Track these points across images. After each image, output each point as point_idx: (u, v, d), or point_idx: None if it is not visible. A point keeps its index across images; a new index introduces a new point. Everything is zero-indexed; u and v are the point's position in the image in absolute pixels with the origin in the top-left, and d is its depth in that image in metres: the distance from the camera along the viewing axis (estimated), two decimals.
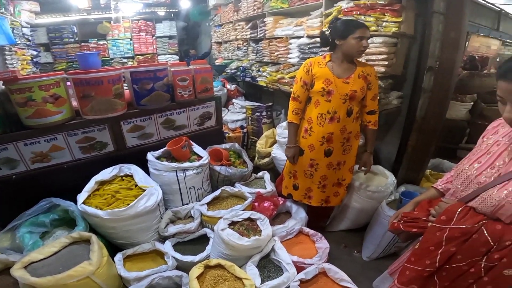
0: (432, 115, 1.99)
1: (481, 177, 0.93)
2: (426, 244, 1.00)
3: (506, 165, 0.88)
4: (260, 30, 3.18)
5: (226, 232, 1.46)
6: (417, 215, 1.11)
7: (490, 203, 0.86)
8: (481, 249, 0.89)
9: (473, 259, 0.92)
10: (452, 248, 0.94)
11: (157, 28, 6.20)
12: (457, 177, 1.03)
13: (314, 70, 1.62)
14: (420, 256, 1.02)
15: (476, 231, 0.90)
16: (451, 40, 1.82)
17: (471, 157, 1.02)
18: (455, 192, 1.04)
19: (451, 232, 0.93)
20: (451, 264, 0.96)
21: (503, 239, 0.85)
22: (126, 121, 1.81)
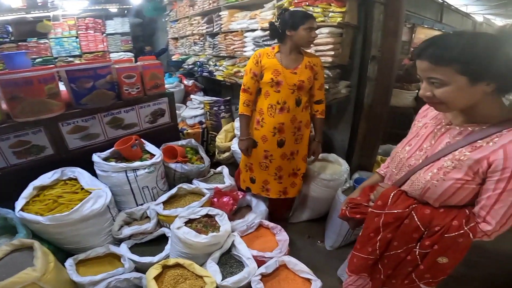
0: (378, 102, 2.10)
1: (411, 159, 0.94)
2: (367, 230, 1.00)
3: (432, 147, 0.89)
4: (216, 24, 3.13)
5: (182, 231, 1.42)
6: (360, 201, 1.12)
7: (417, 186, 0.87)
8: (413, 235, 0.89)
9: (408, 246, 0.92)
10: (388, 234, 0.94)
11: (107, 25, 5.87)
12: (392, 161, 1.04)
13: (263, 61, 1.63)
14: (363, 244, 1.02)
15: (407, 216, 0.90)
16: (390, 29, 1.91)
17: (404, 140, 1.03)
18: (391, 176, 1.05)
19: (386, 218, 0.94)
20: (390, 251, 0.96)
21: (432, 224, 0.85)
22: (65, 122, 1.68)
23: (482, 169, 0.75)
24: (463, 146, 0.79)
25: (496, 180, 0.74)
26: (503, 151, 0.71)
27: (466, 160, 0.77)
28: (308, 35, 1.53)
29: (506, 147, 0.71)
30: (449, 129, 0.86)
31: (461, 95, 0.72)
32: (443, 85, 0.72)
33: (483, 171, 0.76)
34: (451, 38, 0.71)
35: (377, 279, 1.04)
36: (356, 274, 1.08)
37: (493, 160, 0.73)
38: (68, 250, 1.49)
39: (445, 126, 0.88)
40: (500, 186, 0.73)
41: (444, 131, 0.87)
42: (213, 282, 1.28)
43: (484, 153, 0.75)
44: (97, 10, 5.65)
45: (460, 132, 0.82)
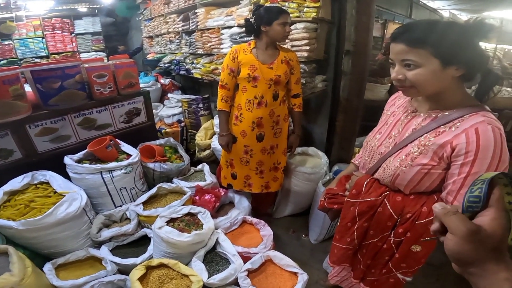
0: (353, 95, 2.17)
1: (381, 147, 0.95)
2: (344, 220, 1.00)
3: (400, 134, 0.90)
4: (192, 22, 3.08)
5: (164, 230, 1.39)
6: (336, 191, 1.12)
7: (388, 173, 0.88)
8: (387, 223, 0.89)
9: (384, 234, 0.92)
10: (364, 223, 0.94)
11: (76, 25, 5.64)
12: (365, 150, 1.05)
13: (240, 57, 1.63)
14: (342, 234, 1.02)
15: (380, 204, 0.90)
16: (363, 24, 1.96)
17: (375, 129, 1.05)
18: (364, 165, 1.06)
19: (361, 206, 0.94)
20: (367, 240, 0.97)
21: (404, 212, 0.86)
22: (32, 125, 1.58)
23: (446, 153, 0.77)
24: (428, 131, 0.81)
25: (460, 164, 0.75)
26: (465, 135, 0.73)
27: (431, 145, 0.79)
28: (283, 29, 1.54)
29: (468, 131, 0.73)
30: (414, 116, 0.89)
31: (432, 77, 0.74)
32: (416, 67, 0.74)
33: (447, 155, 0.77)
34: (427, 24, 0.74)
35: (358, 269, 1.05)
36: (338, 265, 1.09)
37: (456, 144, 0.74)
38: (46, 255, 1.42)
39: (411, 114, 0.90)
40: (465, 170, 0.74)
41: (410, 118, 0.90)
42: (199, 280, 1.27)
43: (447, 138, 0.76)
44: (65, 10, 5.43)
45: (425, 119, 0.85)
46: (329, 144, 2.40)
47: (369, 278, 1.05)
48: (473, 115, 0.76)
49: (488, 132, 0.72)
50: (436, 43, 0.71)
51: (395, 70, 0.79)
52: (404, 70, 0.77)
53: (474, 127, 0.73)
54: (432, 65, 0.73)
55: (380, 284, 1.02)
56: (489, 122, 0.73)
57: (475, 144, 0.72)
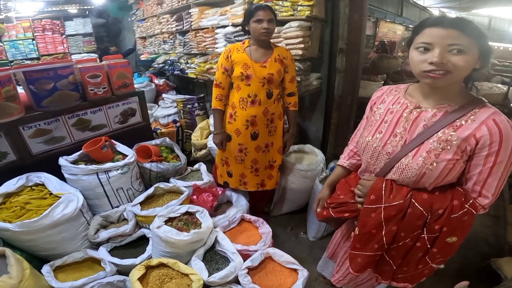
0: (347, 92, 2.19)
1: (387, 147, 0.92)
2: (366, 228, 0.96)
3: (409, 132, 0.88)
4: (186, 22, 3.07)
5: (162, 230, 1.39)
6: (344, 199, 1.07)
7: (410, 173, 0.86)
8: (418, 222, 0.89)
9: (414, 234, 0.91)
10: (393, 227, 0.92)
11: (67, 26, 5.59)
12: (364, 151, 1.00)
13: (233, 56, 1.63)
14: (365, 242, 0.98)
15: (409, 205, 0.89)
16: (355, 22, 1.99)
17: (369, 128, 1.00)
18: (367, 167, 1.02)
19: (387, 212, 0.91)
20: (398, 242, 0.94)
21: (434, 208, 0.86)
22: (26, 126, 1.57)
23: (470, 146, 0.79)
24: (444, 126, 0.82)
25: (485, 155, 0.78)
26: (486, 127, 0.77)
27: (454, 140, 0.80)
28: (259, 27, 1.53)
29: (487, 122, 0.77)
30: (421, 112, 0.88)
31: (469, 66, 0.77)
32: (463, 52, 0.75)
33: (471, 148, 0.80)
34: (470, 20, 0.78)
35: (386, 271, 1.02)
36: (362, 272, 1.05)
37: (480, 136, 0.77)
38: (43, 257, 1.41)
39: (415, 110, 0.89)
40: (490, 160, 0.78)
41: (417, 114, 0.88)
42: (199, 279, 1.27)
43: (469, 131, 0.78)
44: (55, 11, 5.37)
45: (435, 114, 0.85)
46: (324, 141, 2.42)
47: (401, 275, 1.03)
48: (482, 107, 0.80)
49: (505, 122, 0.77)
50: (480, 36, 0.75)
51: (438, 53, 0.76)
52: (448, 54, 0.77)
53: (491, 118, 0.77)
54: (473, 54, 0.76)
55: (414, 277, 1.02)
56: (499, 113, 0.78)
57: (498, 134, 0.76)
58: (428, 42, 0.78)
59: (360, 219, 0.98)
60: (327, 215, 1.12)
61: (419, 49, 0.80)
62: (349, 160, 1.19)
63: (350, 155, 1.19)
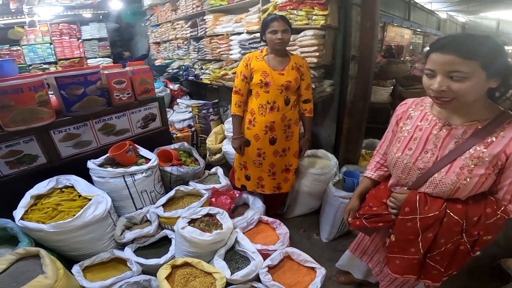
0: (359, 98, 2.25)
1: (418, 163, 0.95)
2: (404, 236, 1.01)
3: (440, 149, 0.92)
4: (200, 28, 3.15)
5: (187, 230, 1.46)
6: (377, 211, 1.11)
7: (445, 188, 0.90)
8: (456, 228, 0.93)
9: (454, 239, 0.95)
10: (429, 234, 0.96)
11: (83, 30, 5.69)
12: (395, 167, 1.03)
13: (252, 64, 1.71)
14: (403, 247, 1.03)
15: (444, 215, 0.93)
16: (367, 29, 2.05)
17: (398, 145, 1.03)
18: (399, 181, 1.06)
19: (423, 222, 0.95)
20: (440, 248, 0.98)
21: (469, 216, 0.91)
22: (56, 130, 1.66)
23: (501, 161, 0.84)
24: (475, 144, 0.85)
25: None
26: None
27: (486, 156, 0.84)
28: (274, 37, 1.61)
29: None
30: (451, 129, 0.90)
31: (476, 89, 0.77)
32: (464, 79, 0.75)
33: (501, 163, 0.84)
34: (473, 36, 0.76)
35: (435, 275, 1.05)
36: (401, 275, 1.07)
37: (510, 152, 0.82)
38: (71, 257, 1.47)
39: (445, 127, 0.92)
40: None
41: (447, 132, 0.91)
42: (223, 277, 1.32)
43: (499, 147, 0.82)
44: (71, 16, 5.47)
45: (465, 131, 0.88)
46: (336, 146, 2.47)
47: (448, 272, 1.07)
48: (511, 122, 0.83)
49: None
50: (485, 55, 0.74)
51: (437, 81, 0.78)
52: (448, 81, 0.78)
53: None
54: (478, 77, 0.75)
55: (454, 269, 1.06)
56: None
57: None
58: (431, 68, 0.81)
59: (396, 228, 1.03)
60: (361, 225, 1.16)
61: (427, 74, 0.83)
62: (377, 172, 1.21)
63: (377, 166, 1.21)
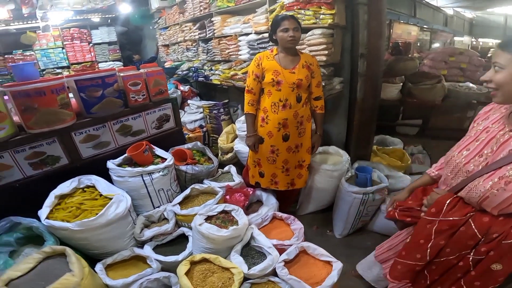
0: (369, 95, 2.26)
1: (469, 165, 0.90)
2: (417, 237, 0.98)
3: (494, 154, 0.85)
4: (208, 29, 3.21)
5: (204, 226, 1.49)
6: (411, 205, 1.10)
7: (475, 193, 0.84)
8: (469, 242, 0.87)
9: (461, 253, 0.89)
10: (441, 241, 0.92)
11: (93, 34, 5.82)
12: (447, 165, 1.00)
13: (264, 63, 1.75)
14: (411, 250, 1.01)
15: (464, 224, 0.87)
16: (374, 28, 2.07)
17: (461, 143, 0.98)
18: (445, 180, 1.02)
19: (440, 225, 0.91)
20: (441, 257, 0.94)
21: (490, 232, 0.83)
22: (77, 132, 1.72)
23: None
24: None
25: None
26: None
27: None
28: (285, 35, 1.65)
29: None
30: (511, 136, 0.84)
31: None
32: (501, 69, 0.79)
33: None
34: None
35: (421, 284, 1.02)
36: (399, 281, 1.06)
37: None
38: (94, 256, 1.52)
39: (508, 133, 0.85)
40: None
41: (508, 138, 0.85)
42: (240, 272, 1.34)
43: None
44: (81, 20, 5.60)
45: None
46: (347, 142, 2.49)
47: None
48: None
49: None
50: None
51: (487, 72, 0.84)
52: (493, 72, 0.82)
53: None
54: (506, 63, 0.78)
55: None
56: None
57: None
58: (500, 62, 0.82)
59: (415, 228, 1.02)
60: (392, 216, 1.17)
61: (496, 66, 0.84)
62: (438, 171, 1.17)
63: (442, 166, 1.16)
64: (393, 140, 2.94)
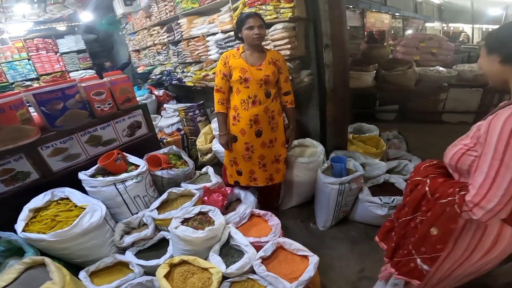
0: (339, 85, 2.28)
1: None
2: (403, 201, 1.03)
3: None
4: (176, 32, 3.18)
5: (180, 229, 1.49)
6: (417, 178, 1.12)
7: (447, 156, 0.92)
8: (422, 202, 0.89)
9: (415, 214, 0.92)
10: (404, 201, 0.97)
11: (59, 44, 5.64)
12: None
13: (230, 62, 1.76)
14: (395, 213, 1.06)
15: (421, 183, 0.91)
16: (336, 18, 2.08)
17: None
18: None
19: (408, 186, 0.97)
20: (401, 217, 0.97)
21: (437, 191, 0.85)
22: (44, 146, 1.68)
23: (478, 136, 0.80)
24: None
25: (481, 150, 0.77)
26: (488, 124, 0.76)
27: (474, 128, 0.84)
28: (251, 33, 1.67)
29: (491, 120, 0.75)
30: None
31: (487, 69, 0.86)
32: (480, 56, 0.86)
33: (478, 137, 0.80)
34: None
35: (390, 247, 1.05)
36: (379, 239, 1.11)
37: (481, 130, 0.78)
38: (78, 264, 1.52)
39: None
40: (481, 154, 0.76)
41: None
42: (218, 271, 1.36)
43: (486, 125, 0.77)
44: (45, 30, 5.43)
45: None
46: (323, 134, 2.52)
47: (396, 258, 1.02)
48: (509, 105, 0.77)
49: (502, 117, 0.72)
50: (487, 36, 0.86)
51: None
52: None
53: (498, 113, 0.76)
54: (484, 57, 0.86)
55: (402, 266, 0.98)
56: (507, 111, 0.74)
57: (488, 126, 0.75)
58: None
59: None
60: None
61: None
62: None
63: None
64: (370, 127, 2.97)
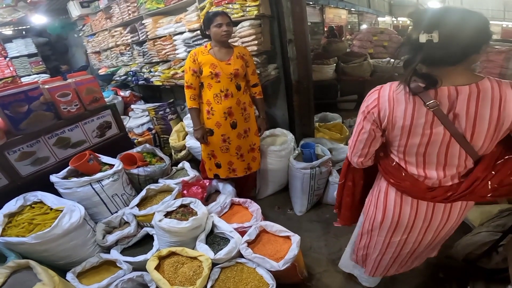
0: (303, 78, 2.47)
1: None
2: None
3: None
4: (141, 32, 3.12)
5: (164, 222, 1.51)
6: None
7: None
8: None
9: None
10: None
11: (8, 48, 5.18)
12: None
13: (200, 58, 1.82)
14: None
15: None
16: (298, 14, 2.25)
17: None
18: None
19: None
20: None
21: None
22: (10, 151, 1.61)
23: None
24: None
25: None
26: None
27: None
28: (219, 30, 1.75)
29: None
30: None
31: None
32: None
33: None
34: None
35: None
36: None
37: None
38: (61, 267, 1.49)
39: None
40: None
41: None
42: (207, 258, 1.39)
43: None
44: None
45: None
46: (291, 123, 2.69)
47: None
48: None
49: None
50: None
51: None
52: None
53: None
54: None
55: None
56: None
57: None
58: None
59: None
60: None
61: None
62: None
63: None
64: (333, 115, 3.24)
